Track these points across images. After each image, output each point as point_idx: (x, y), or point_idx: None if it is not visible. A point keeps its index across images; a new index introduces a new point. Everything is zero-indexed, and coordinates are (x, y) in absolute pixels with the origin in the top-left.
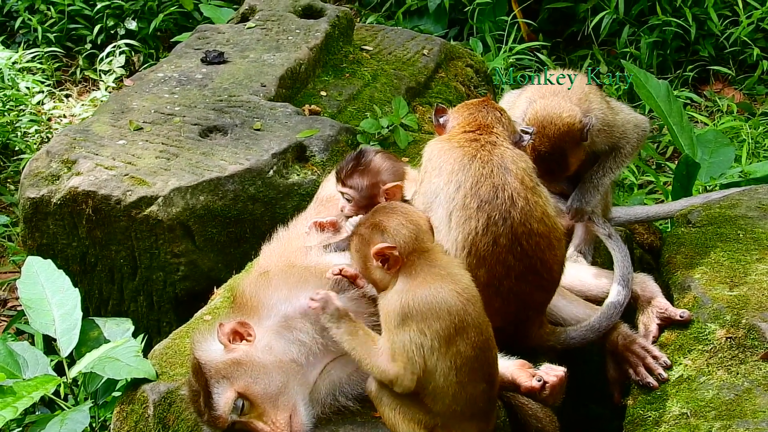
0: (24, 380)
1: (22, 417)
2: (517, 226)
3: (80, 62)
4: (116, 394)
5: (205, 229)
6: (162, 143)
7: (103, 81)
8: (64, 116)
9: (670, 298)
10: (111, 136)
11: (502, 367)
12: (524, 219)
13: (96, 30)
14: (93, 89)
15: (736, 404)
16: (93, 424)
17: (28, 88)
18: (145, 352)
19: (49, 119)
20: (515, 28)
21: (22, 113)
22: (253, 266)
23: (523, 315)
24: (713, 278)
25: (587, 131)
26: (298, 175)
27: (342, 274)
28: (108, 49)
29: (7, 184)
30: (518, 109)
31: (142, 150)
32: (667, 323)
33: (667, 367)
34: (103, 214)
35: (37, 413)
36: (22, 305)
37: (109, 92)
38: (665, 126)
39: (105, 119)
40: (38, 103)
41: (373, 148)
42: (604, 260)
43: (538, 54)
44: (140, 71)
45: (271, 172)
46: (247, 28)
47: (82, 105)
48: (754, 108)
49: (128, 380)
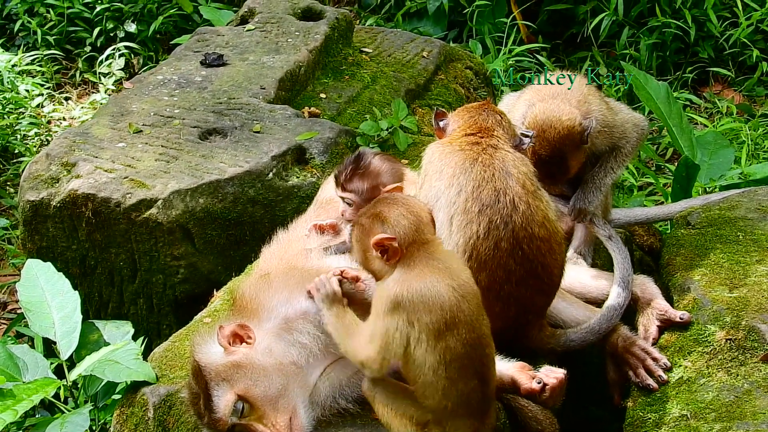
0: (24, 383)
1: (22, 420)
2: (518, 231)
3: (80, 65)
4: (116, 396)
5: (205, 231)
6: (161, 146)
7: (102, 84)
8: (64, 119)
9: (669, 299)
10: (110, 139)
11: (502, 369)
12: (525, 223)
13: (95, 32)
14: (92, 92)
15: (736, 406)
16: (93, 427)
17: (27, 90)
18: (145, 354)
19: (49, 122)
20: (515, 29)
21: (22, 116)
22: (252, 269)
23: (524, 318)
24: (713, 280)
25: (587, 134)
26: (297, 177)
27: (343, 276)
28: (107, 51)
29: (7, 187)
30: (517, 112)
31: (141, 153)
32: (667, 325)
33: (667, 369)
34: (103, 217)
35: (37, 416)
36: (21, 308)
37: (109, 95)
38: (665, 127)
39: (104, 122)
40: (38, 105)
41: (371, 151)
42: (603, 262)
43: (537, 56)
44: (140, 74)
45: (270, 175)
46: (247, 31)
47: (82, 108)
48: (754, 109)
49: (128, 383)
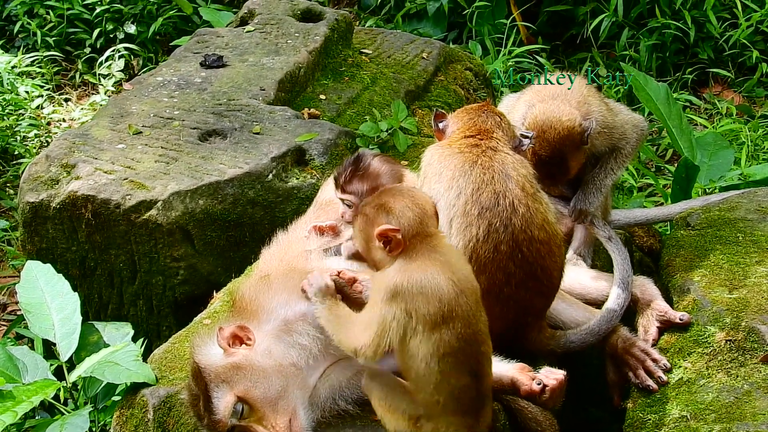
0: (23, 385)
1: (22, 421)
2: (518, 234)
3: (79, 66)
4: (116, 398)
5: (205, 233)
6: (161, 147)
7: (102, 85)
8: (64, 120)
9: (669, 300)
10: (110, 140)
11: (502, 371)
12: (525, 226)
13: (95, 34)
14: (92, 93)
15: (735, 407)
16: (93, 429)
17: (27, 92)
18: (145, 356)
19: (49, 123)
20: (514, 31)
21: (22, 117)
22: (252, 270)
23: (523, 320)
24: (713, 281)
25: (588, 135)
26: (297, 178)
27: (340, 277)
28: (107, 53)
29: (7, 189)
30: (517, 113)
31: (141, 154)
32: (666, 326)
33: (667, 370)
34: (103, 219)
35: (36, 418)
36: (21, 310)
37: (109, 96)
38: (664, 129)
39: (104, 123)
40: (37, 107)
41: (370, 152)
42: (603, 263)
43: (537, 57)
44: (139, 75)
45: (270, 176)
46: (247, 32)
47: (82, 109)
48: (754, 110)
49: (128, 384)
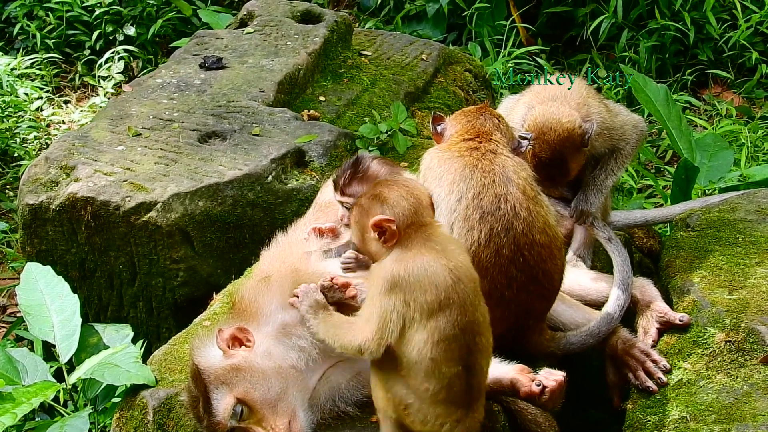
0: (23, 386)
1: (22, 423)
2: (519, 237)
3: (79, 68)
4: (116, 400)
5: (204, 234)
6: (161, 149)
7: (101, 87)
8: (63, 122)
9: (669, 302)
10: (110, 142)
11: (502, 372)
12: (527, 230)
13: (95, 36)
14: (92, 95)
15: (735, 408)
16: (92, 430)
17: (26, 94)
18: (145, 357)
19: (48, 125)
20: (514, 32)
21: (21, 119)
22: (252, 272)
23: (524, 323)
24: (712, 282)
25: (588, 138)
26: (296, 180)
27: (333, 282)
28: (107, 55)
29: (6, 191)
30: (517, 114)
31: (140, 156)
32: (666, 327)
33: (667, 371)
34: (102, 220)
35: (36, 419)
36: (21, 311)
37: (108, 98)
38: (664, 130)
39: (104, 125)
40: (37, 109)
41: (369, 155)
42: (603, 264)
43: (537, 58)
44: (139, 77)
45: (270, 178)
46: (246, 34)
47: (81, 111)
48: (753, 112)
49: (128, 386)
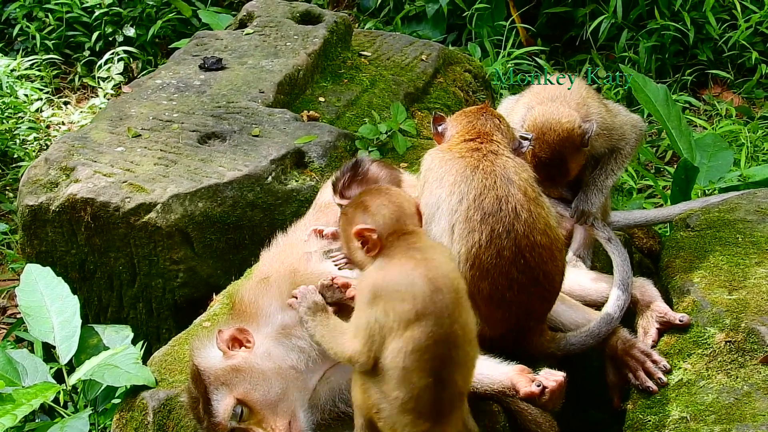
0: (23, 388)
1: (22, 425)
2: (520, 239)
3: (79, 69)
4: (116, 401)
5: (204, 235)
6: (160, 150)
7: (101, 88)
8: (63, 123)
9: (669, 302)
10: (109, 143)
11: (502, 373)
12: (528, 231)
13: (94, 37)
14: (91, 96)
15: (735, 408)
16: (92, 431)
17: (26, 95)
18: (145, 359)
19: (48, 126)
20: (514, 32)
21: (21, 120)
22: (252, 272)
23: (525, 324)
24: (712, 282)
25: (588, 138)
26: (296, 181)
27: (333, 282)
28: (106, 56)
29: (6, 192)
30: (516, 115)
31: (140, 157)
32: (666, 327)
33: (667, 372)
34: (102, 221)
35: (36, 421)
36: (21, 313)
37: (108, 99)
38: (664, 130)
39: (103, 126)
40: (37, 110)
41: (368, 158)
42: (603, 265)
43: (536, 59)
44: (138, 78)
45: (269, 179)
46: (245, 35)
47: (81, 112)
48: (753, 112)
49: (128, 387)
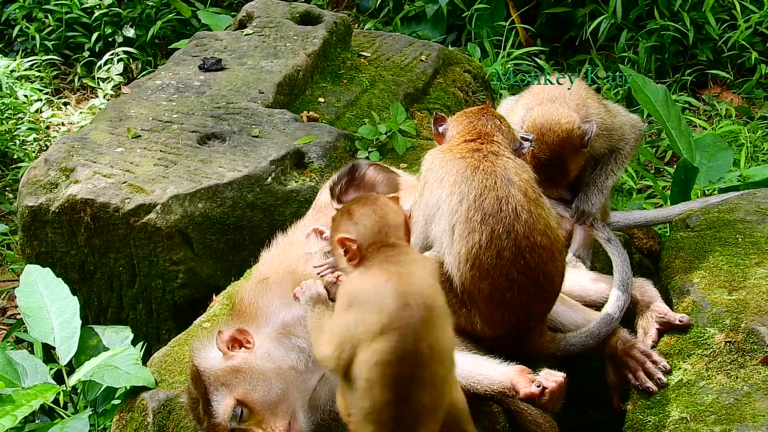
0: (23, 389)
1: (22, 425)
2: (520, 240)
3: (78, 70)
4: (115, 402)
5: (204, 236)
6: (160, 150)
7: (101, 89)
8: (63, 124)
9: (669, 302)
10: (109, 144)
11: (501, 373)
12: (528, 232)
13: (94, 38)
14: (91, 97)
15: (735, 408)
16: None
17: (26, 96)
18: (145, 359)
19: (48, 127)
20: (513, 33)
21: (21, 121)
22: (251, 273)
23: (525, 325)
24: (712, 282)
25: (588, 139)
26: (296, 181)
27: (339, 280)
28: (106, 56)
29: (6, 193)
30: (516, 116)
31: (140, 157)
32: (666, 328)
33: (667, 372)
34: (102, 222)
35: (36, 422)
36: (21, 314)
37: (107, 100)
38: (663, 130)
39: (103, 127)
40: (36, 111)
41: (365, 162)
42: (603, 265)
43: (536, 59)
44: (138, 79)
45: (269, 179)
46: (245, 35)
47: (81, 113)
48: (753, 112)
49: (127, 388)
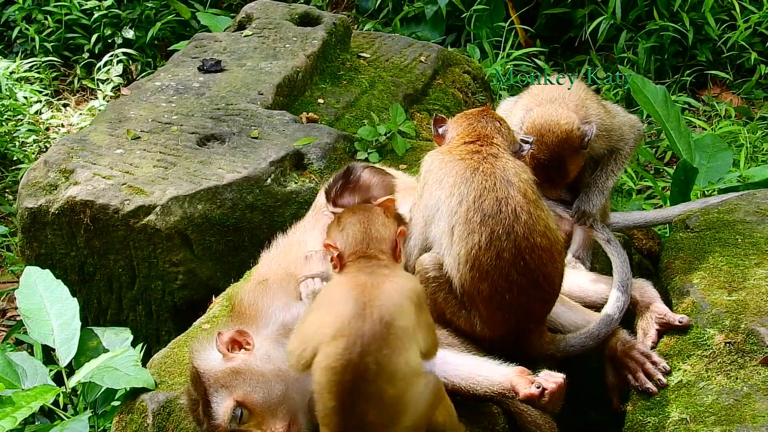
0: (23, 390)
1: (22, 427)
2: (520, 241)
3: (78, 71)
4: (115, 403)
5: (204, 237)
6: (160, 152)
7: (100, 90)
8: (62, 126)
9: (668, 303)
10: (109, 146)
11: (501, 374)
12: (527, 233)
13: (93, 39)
14: (91, 98)
15: (735, 409)
16: None
17: (26, 97)
18: (144, 361)
19: (47, 129)
20: (513, 34)
21: (20, 123)
22: (251, 274)
23: (525, 326)
24: (712, 283)
25: (588, 140)
26: (295, 183)
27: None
28: (105, 58)
29: (6, 194)
30: (515, 117)
31: (139, 159)
32: (666, 328)
33: (666, 373)
34: (101, 224)
35: (36, 423)
36: (20, 315)
37: (107, 101)
38: (663, 131)
39: (102, 128)
40: (36, 112)
41: (360, 164)
42: (602, 266)
43: (535, 60)
44: (138, 80)
45: (268, 181)
46: (244, 37)
47: (80, 114)
48: (752, 112)
49: (127, 390)
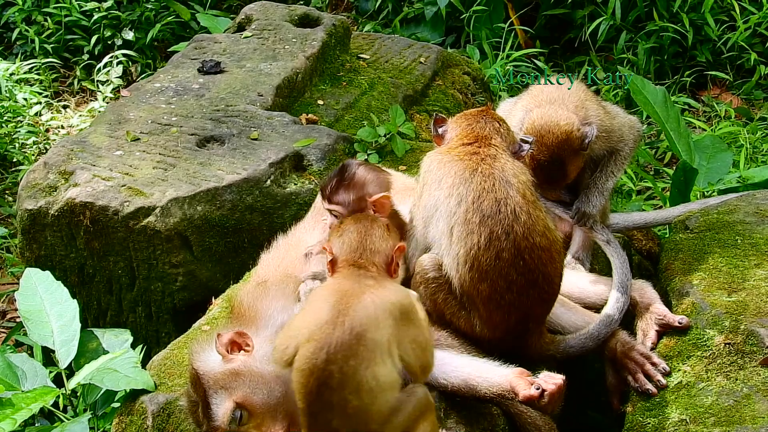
0: (23, 392)
1: (22, 429)
2: (519, 241)
3: (77, 73)
4: (115, 405)
5: (203, 239)
6: (159, 154)
7: (100, 92)
8: (62, 127)
9: (668, 304)
10: (108, 147)
11: (500, 376)
12: (527, 233)
13: (93, 41)
14: (90, 100)
15: (735, 410)
16: None
17: (25, 99)
18: (144, 362)
19: (47, 130)
20: (512, 35)
21: (20, 124)
22: (251, 276)
23: (524, 327)
24: (711, 284)
25: (588, 142)
26: (295, 184)
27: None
28: (105, 59)
29: (5, 196)
30: (515, 118)
31: (139, 160)
32: (665, 329)
33: (666, 374)
34: (101, 225)
35: (36, 425)
36: (20, 317)
37: (107, 103)
38: (663, 132)
39: (102, 130)
40: (36, 114)
41: (356, 161)
42: (602, 267)
43: (535, 61)
44: (137, 81)
45: (268, 182)
46: (244, 38)
47: (80, 116)
48: (752, 113)
49: (127, 391)
